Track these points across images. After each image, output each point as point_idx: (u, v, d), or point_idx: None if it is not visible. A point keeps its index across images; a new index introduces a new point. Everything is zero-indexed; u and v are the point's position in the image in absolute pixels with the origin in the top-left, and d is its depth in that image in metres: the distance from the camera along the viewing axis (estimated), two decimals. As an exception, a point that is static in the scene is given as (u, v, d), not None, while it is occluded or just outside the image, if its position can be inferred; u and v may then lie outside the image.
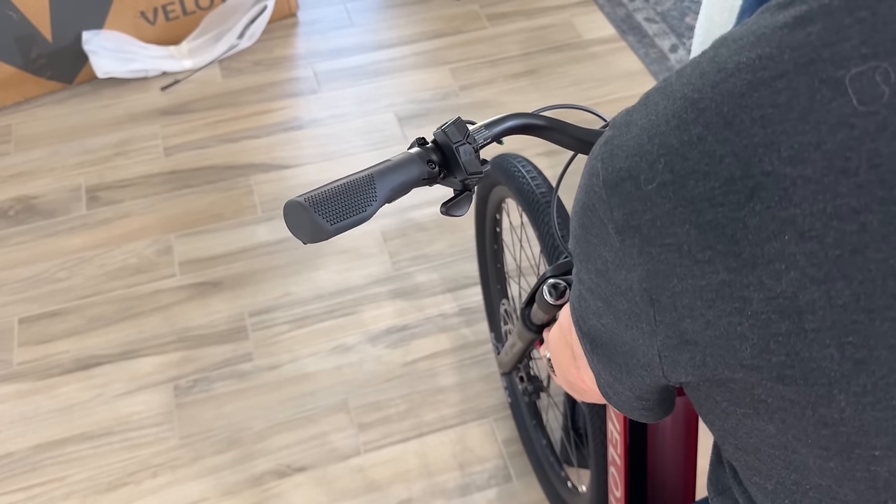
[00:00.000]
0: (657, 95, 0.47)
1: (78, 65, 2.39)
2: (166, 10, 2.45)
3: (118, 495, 1.58)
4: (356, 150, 2.22)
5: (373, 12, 2.71)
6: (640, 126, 0.47)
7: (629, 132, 0.47)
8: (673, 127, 0.44)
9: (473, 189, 0.77)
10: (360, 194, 0.70)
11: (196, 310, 1.87)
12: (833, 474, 0.47)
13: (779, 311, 0.42)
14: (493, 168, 1.39)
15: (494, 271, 1.63)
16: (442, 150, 0.76)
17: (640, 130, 0.46)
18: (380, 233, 2.01)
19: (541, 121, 0.83)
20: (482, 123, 0.80)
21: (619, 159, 0.47)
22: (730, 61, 0.43)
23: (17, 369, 1.77)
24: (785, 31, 0.41)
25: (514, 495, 1.57)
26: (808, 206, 0.40)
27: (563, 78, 2.41)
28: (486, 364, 1.76)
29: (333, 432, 1.66)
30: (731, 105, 0.42)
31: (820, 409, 0.44)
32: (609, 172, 0.48)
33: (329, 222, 0.69)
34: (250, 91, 2.40)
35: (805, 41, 0.41)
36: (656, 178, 0.44)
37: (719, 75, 0.43)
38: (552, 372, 0.78)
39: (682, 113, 0.44)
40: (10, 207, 2.10)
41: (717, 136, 0.42)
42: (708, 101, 0.43)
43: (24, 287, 1.92)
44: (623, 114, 0.50)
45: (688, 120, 0.44)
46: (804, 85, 0.40)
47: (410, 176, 0.74)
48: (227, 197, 2.11)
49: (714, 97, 0.43)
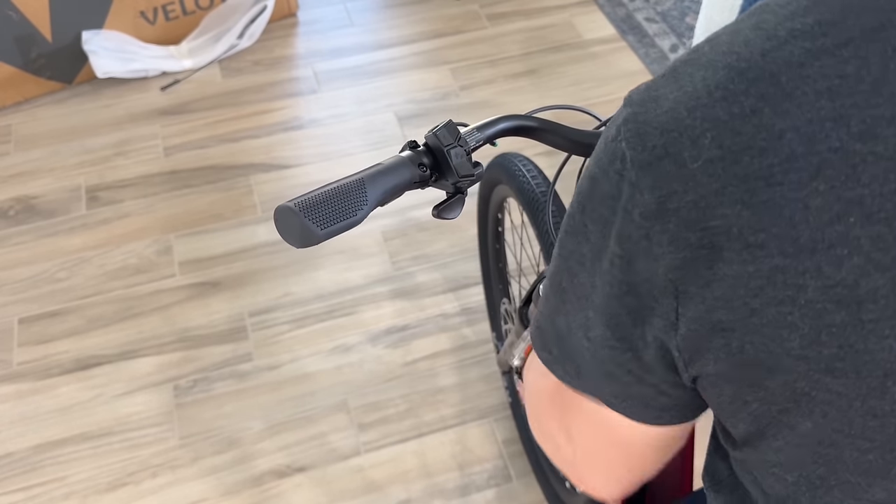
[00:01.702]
0: (688, 67, 0.43)
1: (78, 65, 2.38)
2: (166, 10, 2.45)
3: (118, 495, 1.58)
4: (356, 150, 2.22)
5: (373, 12, 2.71)
6: (674, 99, 0.43)
7: (659, 107, 0.43)
8: (718, 98, 0.41)
9: (466, 192, 0.77)
10: (351, 198, 0.70)
11: (196, 310, 1.87)
12: (868, 469, 0.44)
13: (836, 301, 0.39)
14: (495, 167, 1.39)
15: (496, 271, 1.63)
16: (433, 153, 0.75)
17: (674, 104, 0.43)
18: (380, 233, 2.01)
19: (534, 122, 0.83)
20: (474, 126, 0.80)
21: (652, 137, 0.43)
22: (780, 28, 0.40)
23: (17, 369, 1.77)
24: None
25: (514, 496, 1.57)
26: (878, 186, 0.37)
27: (563, 78, 2.41)
28: (487, 364, 1.75)
29: (333, 432, 1.66)
30: (789, 75, 0.39)
31: (871, 400, 0.41)
32: (639, 152, 0.43)
33: (319, 227, 0.68)
34: (250, 91, 2.40)
35: (872, 4, 0.38)
36: (702, 155, 0.41)
37: (769, 42, 0.40)
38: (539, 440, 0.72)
39: (727, 83, 0.41)
40: (10, 207, 2.10)
41: (775, 108, 0.39)
42: (759, 71, 0.40)
43: (24, 287, 1.92)
44: (642, 90, 0.46)
45: (737, 91, 0.40)
46: (875, 53, 0.37)
47: (401, 179, 0.74)
48: (227, 197, 2.11)
49: (767, 66, 0.40)
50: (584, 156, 0.86)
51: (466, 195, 0.77)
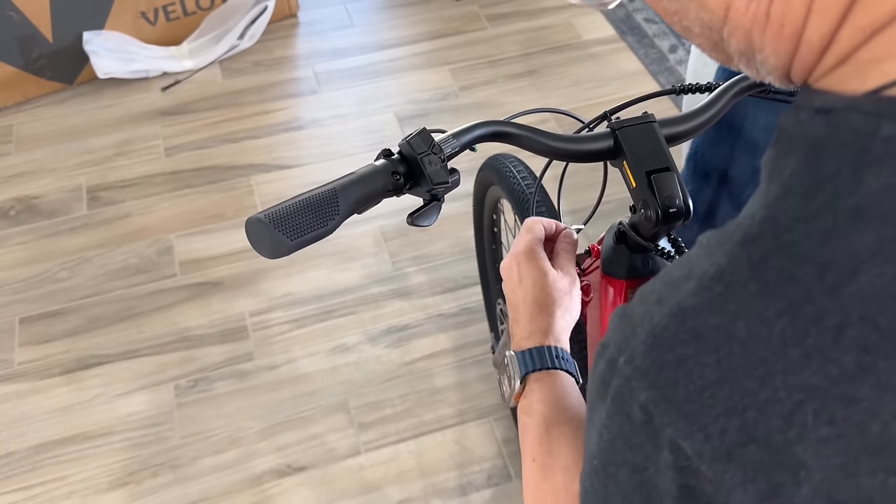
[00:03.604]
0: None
1: (79, 65, 2.39)
2: (167, 11, 2.45)
3: (118, 495, 1.58)
4: (356, 151, 2.22)
5: (373, 13, 2.71)
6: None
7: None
8: None
9: (442, 199, 0.77)
10: (323, 209, 0.71)
11: (196, 310, 1.87)
12: None
13: None
14: (487, 169, 1.39)
15: (493, 271, 1.64)
16: (407, 161, 0.75)
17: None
18: (380, 233, 2.01)
19: (511, 128, 0.83)
20: (451, 132, 0.79)
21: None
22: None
23: (18, 369, 1.77)
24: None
25: (514, 495, 1.57)
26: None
27: (563, 78, 2.42)
28: (486, 364, 1.76)
29: (333, 432, 1.66)
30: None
31: None
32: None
33: (289, 238, 0.69)
34: (251, 91, 2.41)
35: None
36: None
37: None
38: None
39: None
40: (10, 207, 2.10)
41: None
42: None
43: (25, 287, 1.92)
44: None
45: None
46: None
47: (375, 188, 0.74)
48: (227, 197, 2.11)
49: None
50: (563, 160, 0.86)
51: (443, 202, 0.77)
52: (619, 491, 0.44)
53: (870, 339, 0.35)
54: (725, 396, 0.38)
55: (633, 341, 0.41)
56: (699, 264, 0.40)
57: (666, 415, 0.39)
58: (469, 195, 1.61)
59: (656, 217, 0.78)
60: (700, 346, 0.38)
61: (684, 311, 0.39)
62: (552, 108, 0.97)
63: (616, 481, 0.44)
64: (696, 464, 0.39)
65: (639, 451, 0.42)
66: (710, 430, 0.38)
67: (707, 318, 0.38)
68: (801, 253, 0.36)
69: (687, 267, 0.41)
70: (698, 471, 0.39)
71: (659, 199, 0.78)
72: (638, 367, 0.41)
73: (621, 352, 0.42)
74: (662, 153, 0.80)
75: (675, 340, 0.39)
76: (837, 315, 0.35)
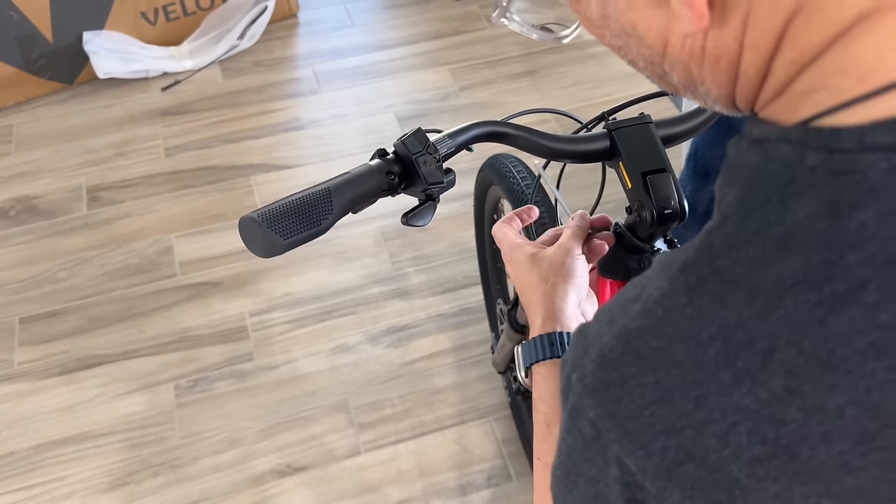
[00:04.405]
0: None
1: (79, 65, 2.39)
2: (167, 11, 2.45)
3: (118, 495, 1.58)
4: (356, 151, 2.22)
5: (373, 13, 2.71)
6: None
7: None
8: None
9: (437, 199, 0.77)
10: (316, 208, 0.71)
11: (196, 310, 1.87)
12: None
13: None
14: (487, 169, 1.39)
15: (494, 271, 1.64)
16: (402, 160, 0.75)
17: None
18: (380, 233, 2.01)
19: (507, 128, 0.82)
20: (446, 132, 0.79)
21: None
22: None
23: (18, 369, 1.77)
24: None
25: (514, 495, 1.57)
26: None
27: (563, 78, 2.42)
28: (486, 364, 1.76)
29: (333, 432, 1.66)
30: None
31: None
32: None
33: (282, 237, 0.69)
34: (251, 91, 2.41)
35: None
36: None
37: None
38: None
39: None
40: (10, 207, 2.10)
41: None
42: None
43: (25, 287, 1.92)
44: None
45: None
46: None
47: (369, 188, 0.74)
48: (227, 197, 2.12)
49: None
50: (559, 160, 0.86)
51: (438, 202, 0.77)
52: (580, 499, 0.46)
53: (795, 363, 0.36)
54: (664, 416, 0.39)
55: (585, 360, 0.43)
56: (647, 287, 0.42)
57: (612, 431, 0.41)
58: (469, 195, 1.61)
59: (651, 218, 0.78)
60: (642, 367, 0.40)
61: (629, 332, 0.41)
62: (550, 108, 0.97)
63: (578, 489, 0.46)
64: (640, 480, 0.40)
65: (592, 464, 0.43)
66: (651, 448, 0.39)
67: (649, 341, 0.40)
68: (732, 278, 0.38)
69: (638, 288, 0.43)
70: (643, 486, 0.40)
71: (654, 200, 0.78)
72: (588, 384, 0.42)
73: (574, 368, 0.44)
74: (658, 154, 0.80)
75: (620, 360, 0.41)
76: (766, 339, 0.36)
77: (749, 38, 0.39)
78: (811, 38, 0.37)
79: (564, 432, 0.46)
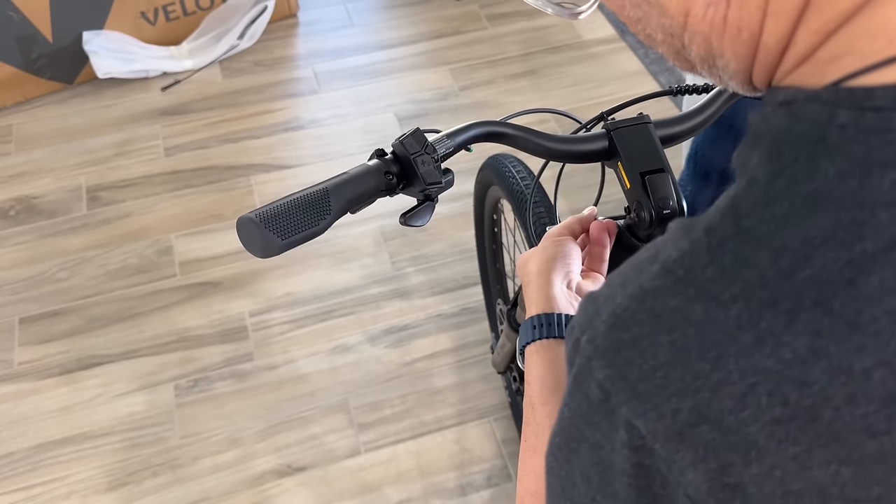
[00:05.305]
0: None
1: (78, 65, 2.39)
2: (167, 11, 2.45)
3: (118, 495, 1.58)
4: (356, 151, 2.22)
5: (373, 12, 2.71)
6: None
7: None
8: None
9: (436, 199, 0.77)
10: (314, 208, 0.71)
11: (196, 310, 1.87)
12: None
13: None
14: (487, 169, 1.39)
15: (494, 271, 1.64)
16: (400, 161, 0.75)
17: None
18: (379, 233, 2.01)
19: (505, 128, 0.82)
20: (445, 133, 0.79)
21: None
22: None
23: (18, 369, 1.77)
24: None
25: (514, 496, 1.57)
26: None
27: (563, 78, 2.42)
28: (486, 364, 1.76)
29: (333, 432, 1.66)
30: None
31: None
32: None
33: (280, 237, 0.69)
34: (251, 91, 2.41)
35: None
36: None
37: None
38: None
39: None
40: (10, 207, 2.10)
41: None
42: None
43: (25, 287, 1.92)
44: None
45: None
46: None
47: (367, 188, 0.74)
48: (227, 197, 2.12)
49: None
50: (558, 161, 0.86)
51: (437, 202, 0.77)
52: (580, 467, 0.45)
53: (822, 324, 0.35)
54: (678, 377, 0.38)
55: (595, 321, 0.42)
56: (665, 249, 0.41)
57: (622, 393, 0.40)
58: (469, 195, 1.61)
59: (650, 218, 0.78)
60: (655, 327, 0.39)
61: (645, 292, 0.40)
62: (549, 108, 0.97)
63: (578, 457, 0.45)
64: (650, 443, 0.39)
65: (597, 428, 0.42)
66: (663, 410, 0.39)
67: (666, 301, 0.39)
68: (756, 237, 0.37)
69: (654, 251, 0.42)
70: (652, 450, 0.40)
71: (653, 200, 0.78)
72: (598, 346, 0.41)
73: (584, 331, 0.43)
74: (657, 154, 0.80)
75: (633, 321, 0.40)
76: (791, 299, 0.36)
77: (773, 5, 0.39)
78: (838, 5, 0.37)
79: (568, 398, 0.45)
